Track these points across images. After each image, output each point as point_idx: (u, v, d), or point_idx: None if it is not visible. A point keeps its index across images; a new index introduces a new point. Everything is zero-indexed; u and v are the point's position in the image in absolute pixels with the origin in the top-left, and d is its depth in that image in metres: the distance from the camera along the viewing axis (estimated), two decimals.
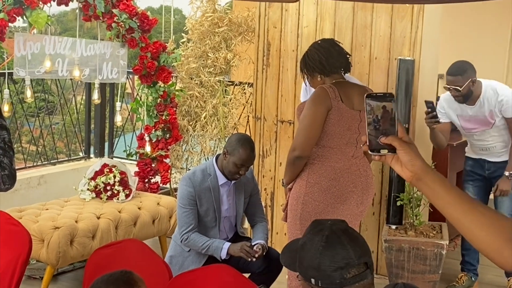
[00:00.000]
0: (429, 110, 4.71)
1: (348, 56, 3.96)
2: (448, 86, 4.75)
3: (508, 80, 7.49)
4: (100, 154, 7.20)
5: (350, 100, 3.81)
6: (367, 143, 1.60)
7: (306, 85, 4.70)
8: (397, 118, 1.59)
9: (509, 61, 7.61)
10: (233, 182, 4.24)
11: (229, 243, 4.11)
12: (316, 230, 2.08)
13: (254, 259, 4.08)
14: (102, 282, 2.47)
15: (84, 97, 7.36)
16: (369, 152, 1.61)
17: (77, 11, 5.68)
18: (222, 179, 4.20)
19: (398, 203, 5.04)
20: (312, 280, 2.04)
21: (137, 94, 6.48)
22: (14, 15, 4.99)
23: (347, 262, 1.99)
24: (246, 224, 4.75)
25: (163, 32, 6.32)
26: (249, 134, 6.33)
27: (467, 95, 4.74)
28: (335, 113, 3.73)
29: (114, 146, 7.38)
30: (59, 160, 7.00)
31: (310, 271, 2.03)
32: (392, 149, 1.57)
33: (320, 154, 3.79)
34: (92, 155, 7.23)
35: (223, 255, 4.07)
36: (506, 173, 4.82)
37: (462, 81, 4.68)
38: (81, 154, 7.38)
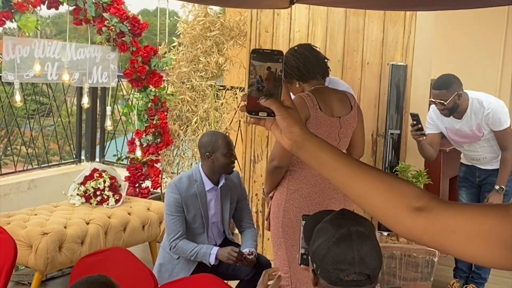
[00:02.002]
0: (414, 122, 4.66)
1: (326, 60, 3.91)
2: (434, 100, 4.71)
3: (502, 85, 7.48)
4: (91, 158, 7.15)
5: (329, 107, 3.75)
6: (245, 104, 1.46)
7: None
8: (282, 79, 1.45)
9: (503, 67, 7.58)
10: (219, 186, 4.22)
11: (217, 248, 4.09)
12: (337, 223, 2.02)
13: (244, 263, 4.05)
14: (81, 284, 2.44)
15: (72, 100, 7.33)
16: (247, 114, 1.46)
17: (67, 14, 5.62)
18: (208, 185, 4.19)
19: None
20: (314, 265, 2.01)
21: (129, 98, 6.43)
22: (3, 19, 4.95)
23: (348, 268, 1.93)
24: (236, 230, 4.71)
25: (158, 35, 6.27)
26: (240, 139, 6.30)
27: (452, 109, 4.70)
28: (313, 121, 3.67)
29: (106, 150, 7.33)
30: (49, 164, 6.94)
31: (315, 257, 2.00)
32: (272, 113, 1.44)
33: (300, 160, 3.73)
34: (83, 158, 7.18)
35: (212, 260, 4.05)
36: (497, 187, 4.78)
37: (447, 95, 4.64)
38: (73, 157, 7.33)
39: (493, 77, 7.49)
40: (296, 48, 3.94)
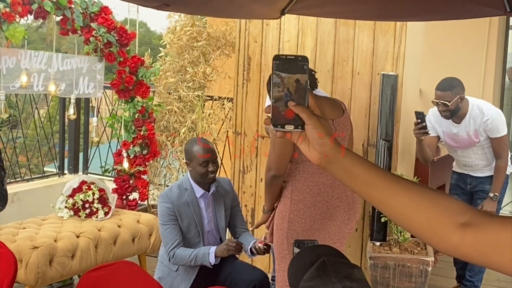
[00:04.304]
0: (419, 121, 4.70)
1: (313, 72, 3.92)
2: (437, 101, 4.75)
3: (484, 93, 7.56)
4: (75, 170, 7.04)
5: (321, 111, 3.74)
6: (270, 116, 1.36)
7: None
8: (308, 88, 1.36)
9: (485, 77, 7.68)
10: (211, 193, 4.18)
11: (215, 247, 4.03)
12: (321, 283, 1.79)
13: (261, 252, 4.03)
14: None
15: (49, 111, 7.21)
16: (271, 127, 1.35)
17: (41, 24, 5.52)
18: (199, 191, 4.16)
19: (383, 220, 5.00)
20: None
21: (113, 109, 6.35)
22: None
23: None
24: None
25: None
26: (228, 150, 6.26)
27: (454, 111, 4.75)
28: None
29: (89, 162, 7.23)
30: (32, 177, 6.83)
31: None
32: (300, 125, 1.35)
33: (301, 169, 3.72)
34: (66, 171, 7.07)
35: (212, 259, 3.99)
36: (491, 195, 4.83)
37: (451, 96, 4.69)
38: (46, 168, 7.22)
39: (476, 84, 7.57)
40: None
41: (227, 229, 4.46)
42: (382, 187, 1.31)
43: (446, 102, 4.70)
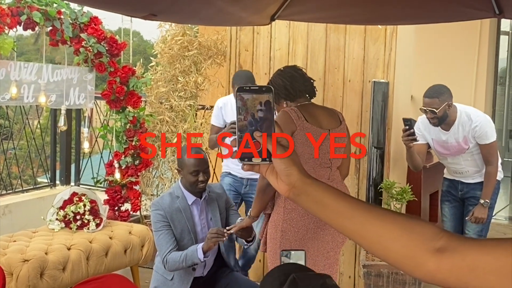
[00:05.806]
0: (407, 127, 4.68)
1: (312, 81, 3.91)
2: (425, 108, 4.74)
3: (476, 100, 7.55)
4: (66, 181, 7.00)
5: (317, 120, 3.74)
6: (237, 149, 1.31)
7: (220, 106, 5.02)
8: (275, 119, 1.32)
9: (477, 82, 7.68)
10: (203, 199, 4.14)
11: (202, 243, 3.94)
12: None
13: (239, 234, 3.93)
14: None
15: (41, 121, 7.19)
16: (238, 161, 1.31)
17: (35, 35, 5.51)
18: (191, 198, 4.11)
19: None
20: None
21: (104, 119, 6.33)
22: None
23: None
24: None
25: (122, 55, 6.18)
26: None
27: (442, 118, 4.73)
28: (301, 133, 3.65)
29: (81, 173, 7.20)
30: (24, 189, 6.79)
31: None
32: (267, 157, 1.30)
33: None
34: (58, 182, 7.03)
35: (200, 255, 3.90)
36: (482, 201, 4.81)
37: (439, 103, 4.67)
38: (39, 180, 7.18)
39: (468, 91, 7.56)
40: (282, 69, 3.95)
41: None
42: (354, 217, 1.27)
43: (434, 109, 4.69)
